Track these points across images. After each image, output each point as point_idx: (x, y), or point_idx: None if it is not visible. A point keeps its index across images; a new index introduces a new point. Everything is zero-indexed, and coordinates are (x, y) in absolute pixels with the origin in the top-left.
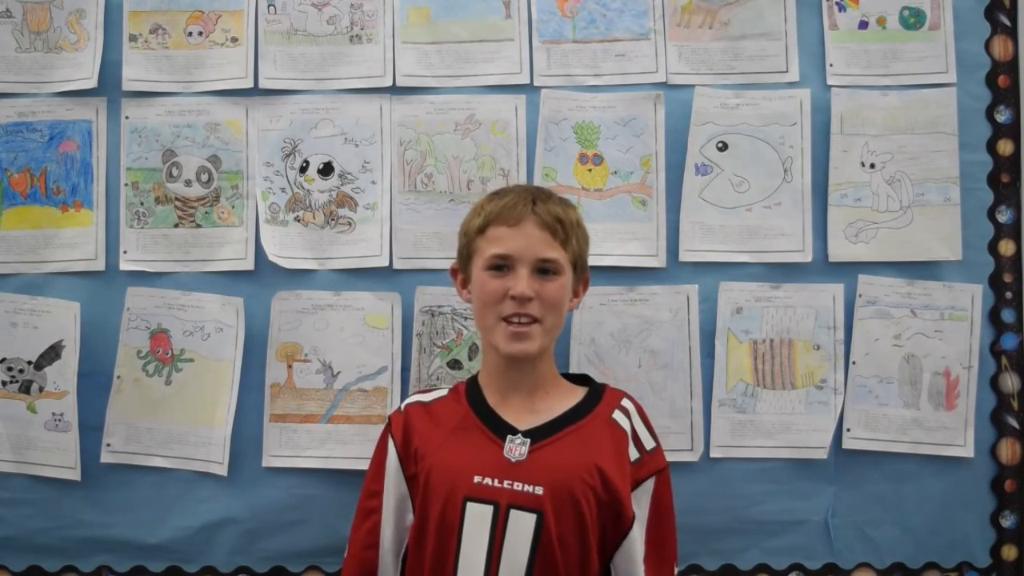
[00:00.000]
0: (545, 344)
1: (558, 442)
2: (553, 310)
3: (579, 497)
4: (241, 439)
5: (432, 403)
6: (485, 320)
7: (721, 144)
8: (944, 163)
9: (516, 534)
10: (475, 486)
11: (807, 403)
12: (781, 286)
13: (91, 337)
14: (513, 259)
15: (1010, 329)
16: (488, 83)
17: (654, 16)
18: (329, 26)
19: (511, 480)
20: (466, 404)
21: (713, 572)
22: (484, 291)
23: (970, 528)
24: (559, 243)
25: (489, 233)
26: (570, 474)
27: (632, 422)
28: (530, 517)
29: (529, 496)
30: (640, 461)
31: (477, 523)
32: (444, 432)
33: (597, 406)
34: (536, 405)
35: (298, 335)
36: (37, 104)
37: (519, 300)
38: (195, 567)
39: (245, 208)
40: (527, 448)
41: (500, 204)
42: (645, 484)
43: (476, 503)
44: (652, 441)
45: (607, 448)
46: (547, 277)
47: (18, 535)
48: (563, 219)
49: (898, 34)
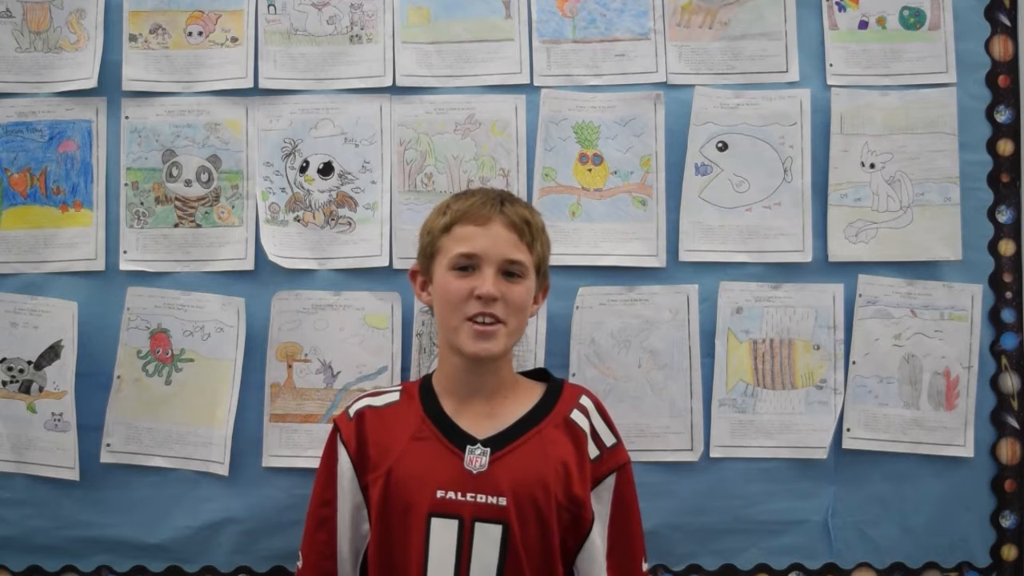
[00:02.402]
0: (508, 346)
1: (518, 449)
2: (517, 313)
3: (541, 503)
4: (241, 439)
5: (384, 408)
6: (448, 321)
7: (721, 144)
8: (944, 163)
9: (483, 546)
10: (438, 501)
11: (807, 403)
12: (781, 286)
13: (91, 337)
14: (479, 258)
15: (1010, 329)
16: (488, 83)
17: (654, 16)
18: (329, 26)
19: (474, 492)
20: (422, 411)
21: (713, 572)
22: (448, 291)
23: (970, 528)
24: (525, 245)
25: (456, 232)
26: (532, 481)
27: (591, 420)
28: (496, 528)
29: (493, 508)
30: (600, 459)
31: (443, 538)
32: (400, 441)
33: (555, 406)
34: (495, 410)
35: (298, 335)
36: (37, 104)
37: (485, 300)
38: (195, 567)
39: (245, 208)
40: (488, 458)
41: (468, 203)
42: (606, 481)
43: (441, 518)
44: (612, 437)
45: (568, 450)
46: (512, 280)
47: (18, 535)
48: (530, 221)
49: (898, 34)
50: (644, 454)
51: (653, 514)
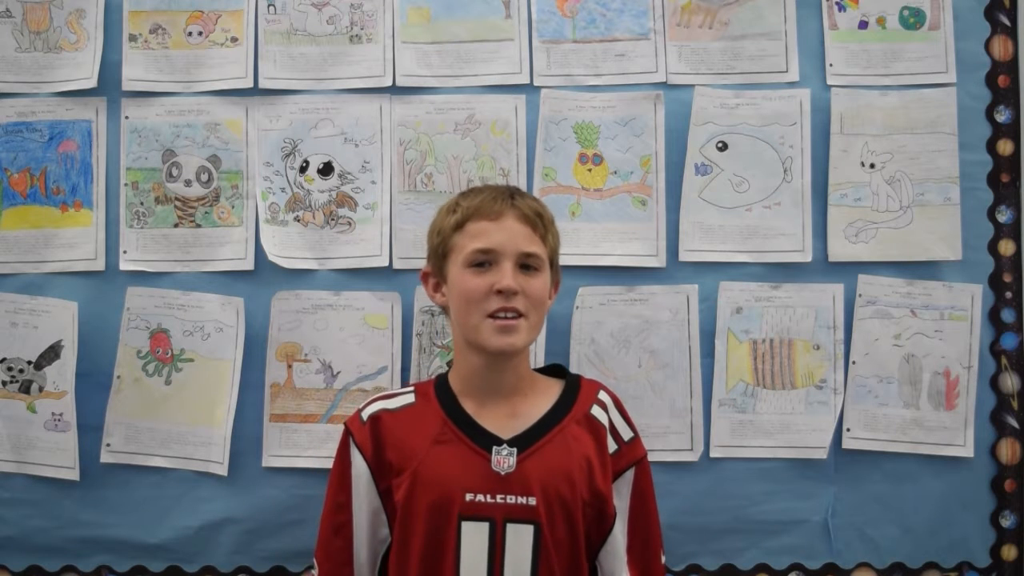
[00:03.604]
0: (529, 341)
1: (544, 448)
2: (537, 307)
3: (568, 501)
4: (241, 439)
5: (400, 411)
6: (468, 319)
7: (721, 144)
8: (944, 163)
9: (516, 547)
10: (468, 504)
11: (807, 403)
12: (781, 286)
13: (91, 337)
14: (496, 253)
15: (1010, 329)
16: (488, 83)
17: (654, 16)
18: (329, 26)
19: (504, 494)
20: (442, 413)
21: (713, 572)
22: (466, 288)
23: (970, 528)
24: (539, 237)
25: (469, 228)
26: (559, 479)
27: (610, 415)
28: (528, 529)
29: (524, 508)
30: (619, 452)
31: (475, 541)
32: (422, 445)
33: (576, 402)
34: (516, 409)
35: (298, 335)
36: (37, 104)
37: (506, 294)
38: (195, 567)
39: (245, 208)
40: (515, 458)
41: (478, 199)
42: (625, 475)
43: (471, 521)
44: (630, 432)
45: (590, 446)
46: (530, 273)
47: (18, 535)
48: (542, 214)
49: (898, 34)
50: None
51: None
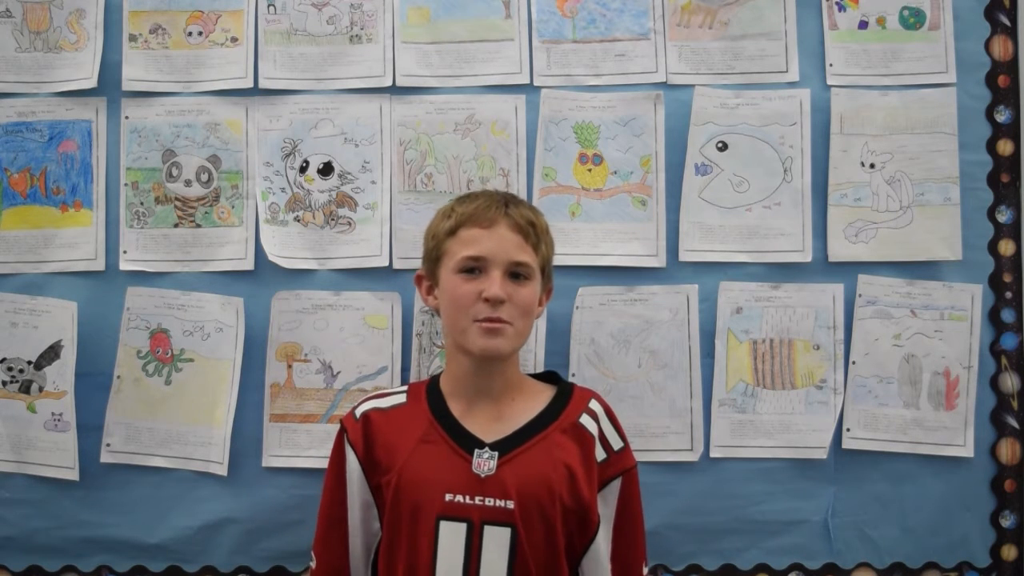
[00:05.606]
0: (515, 347)
1: (525, 453)
2: (524, 315)
3: (546, 507)
4: (241, 439)
5: (391, 411)
6: (457, 323)
7: (721, 144)
8: (944, 163)
9: (492, 549)
10: (447, 504)
11: (807, 403)
12: (781, 286)
13: (91, 337)
14: (486, 261)
15: (1010, 329)
16: (488, 83)
17: (654, 16)
18: (329, 26)
19: (482, 496)
20: (429, 414)
21: (713, 572)
22: (456, 294)
23: (970, 528)
24: (531, 247)
25: (461, 235)
26: (537, 485)
27: (600, 424)
28: (504, 531)
29: (501, 511)
30: (607, 461)
31: (452, 541)
32: (408, 444)
33: (564, 411)
34: (503, 412)
35: (298, 335)
36: (37, 104)
37: (492, 303)
38: (195, 567)
39: (245, 208)
40: (495, 462)
41: (472, 206)
42: (612, 484)
43: (449, 521)
44: (620, 441)
45: (573, 454)
46: (519, 281)
47: (18, 535)
48: (535, 223)
49: (898, 34)
50: (644, 454)
51: (653, 514)
